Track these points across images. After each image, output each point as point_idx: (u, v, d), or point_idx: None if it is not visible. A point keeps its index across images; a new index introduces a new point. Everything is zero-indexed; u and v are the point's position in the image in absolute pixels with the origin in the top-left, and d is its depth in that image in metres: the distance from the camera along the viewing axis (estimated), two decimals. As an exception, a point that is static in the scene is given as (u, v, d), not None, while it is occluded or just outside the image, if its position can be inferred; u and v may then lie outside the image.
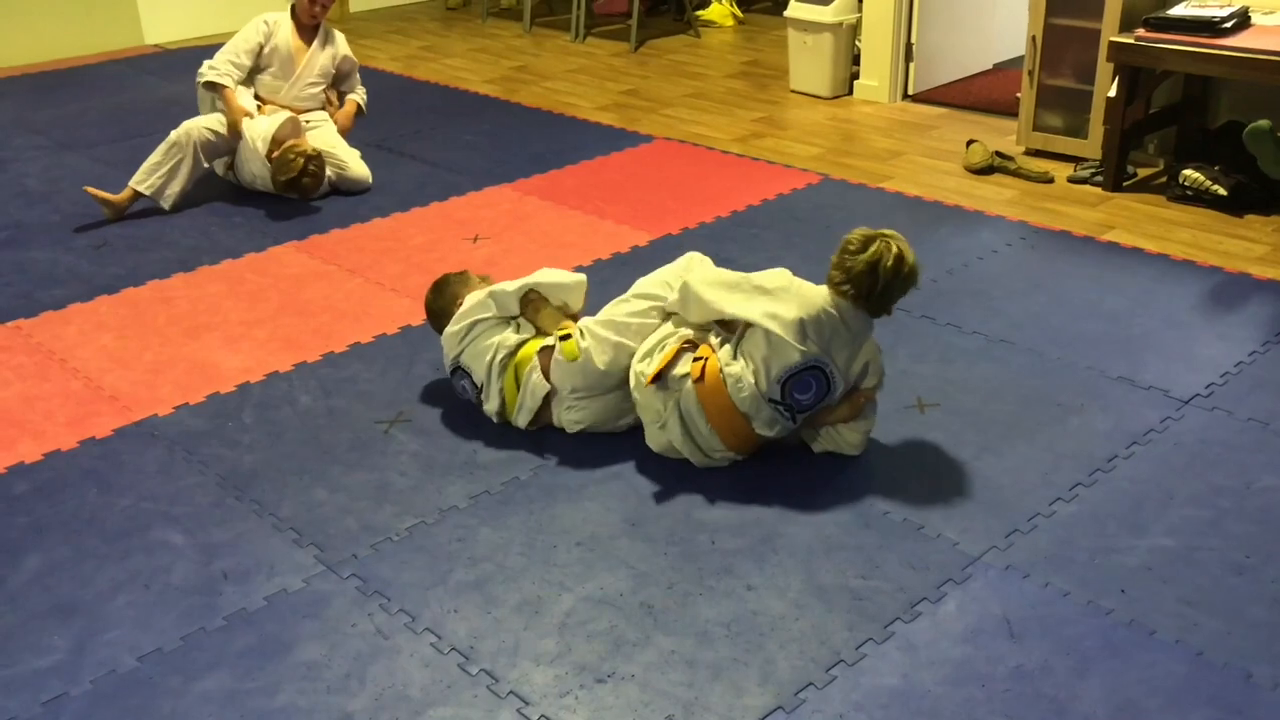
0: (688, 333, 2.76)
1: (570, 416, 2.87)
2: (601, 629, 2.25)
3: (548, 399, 2.86)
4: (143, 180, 4.41)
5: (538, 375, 2.84)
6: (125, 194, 4.42)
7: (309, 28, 4.68)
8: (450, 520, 2.59)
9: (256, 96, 4.65)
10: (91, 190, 4.39)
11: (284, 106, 4.63)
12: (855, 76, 5.85)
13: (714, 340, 2.72)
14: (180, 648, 2.23)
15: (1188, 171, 4.27)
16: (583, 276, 3.00)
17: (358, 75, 4.97)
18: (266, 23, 4.63)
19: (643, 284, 2.91)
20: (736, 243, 4.06)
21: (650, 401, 2.73)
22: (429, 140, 5.31)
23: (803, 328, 2.58)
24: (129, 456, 2.88)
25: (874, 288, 2.57)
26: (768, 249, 3.99)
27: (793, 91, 5.97)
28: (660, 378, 2.69)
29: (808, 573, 2.39)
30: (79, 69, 6.75)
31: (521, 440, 2.87)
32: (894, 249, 2.57)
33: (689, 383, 2.66)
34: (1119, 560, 2.41)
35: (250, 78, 4.64)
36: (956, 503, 2.60)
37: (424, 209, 4.46)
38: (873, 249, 2.56)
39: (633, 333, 2.82)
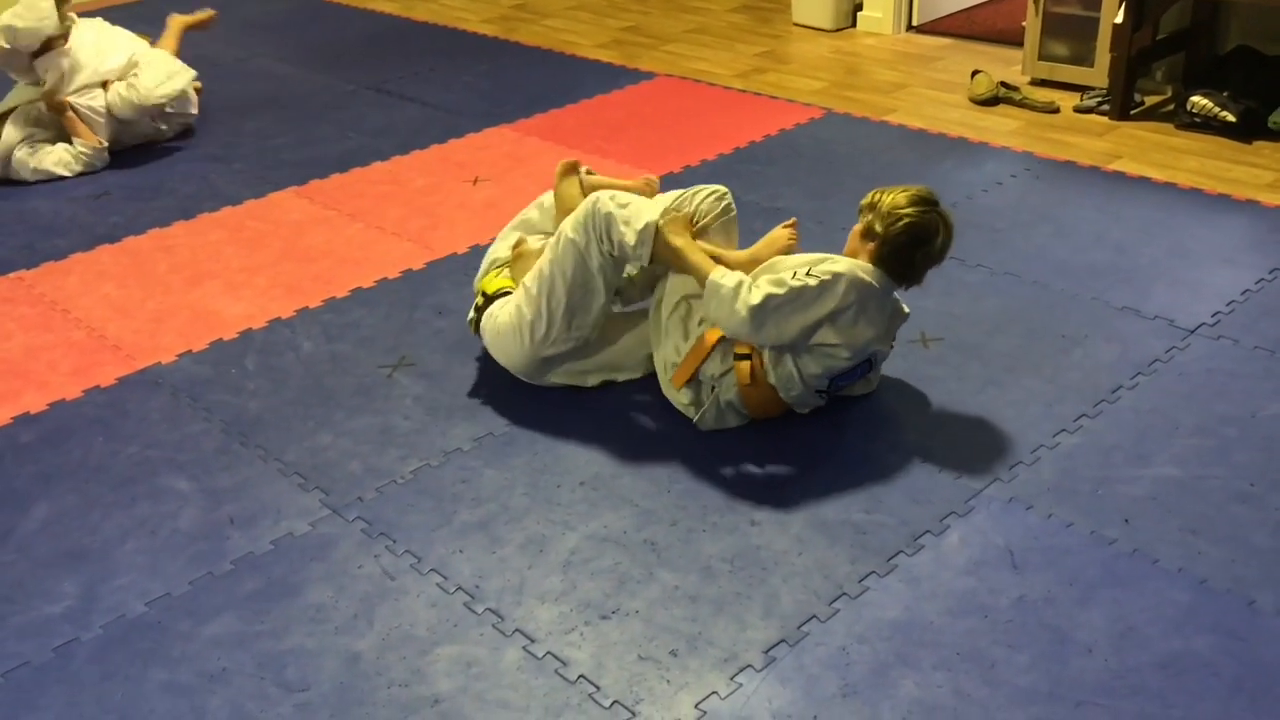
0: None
1: None
2: (605, 566, 2.27)
3: None
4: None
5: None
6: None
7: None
8: (454, 462, 2.60)
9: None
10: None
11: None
12: (858, 8, 5.76)
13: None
14: (189, 592, 2.26)
15: (1196, 98, 4.20)
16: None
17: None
18: None
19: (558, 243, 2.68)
20: (739, 179, 4.02)
21: (676, 397, 2.66)
22: (427, 82, 5.25)
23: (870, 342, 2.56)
24: (134, 405, 2.89)
25: (922, 268, 2.57)
26: (770, 185, 3.96)
27: (795, 25, 5.88)
28: (693, 378, 2.60)
29: (810, 507, 2.40)
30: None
31: (524, 382, 2.87)
32: (943, 227, 2.53)
33: (733, 380, 2.57)
34: (1123, 490, 2.40)
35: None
36: (960, 436, 2.60)
37: (424, 152, 4.43)
38: (938, 242, 2.51)
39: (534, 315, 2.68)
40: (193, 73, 4.60)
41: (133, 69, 4.45)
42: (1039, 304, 3.13)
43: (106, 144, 4.42)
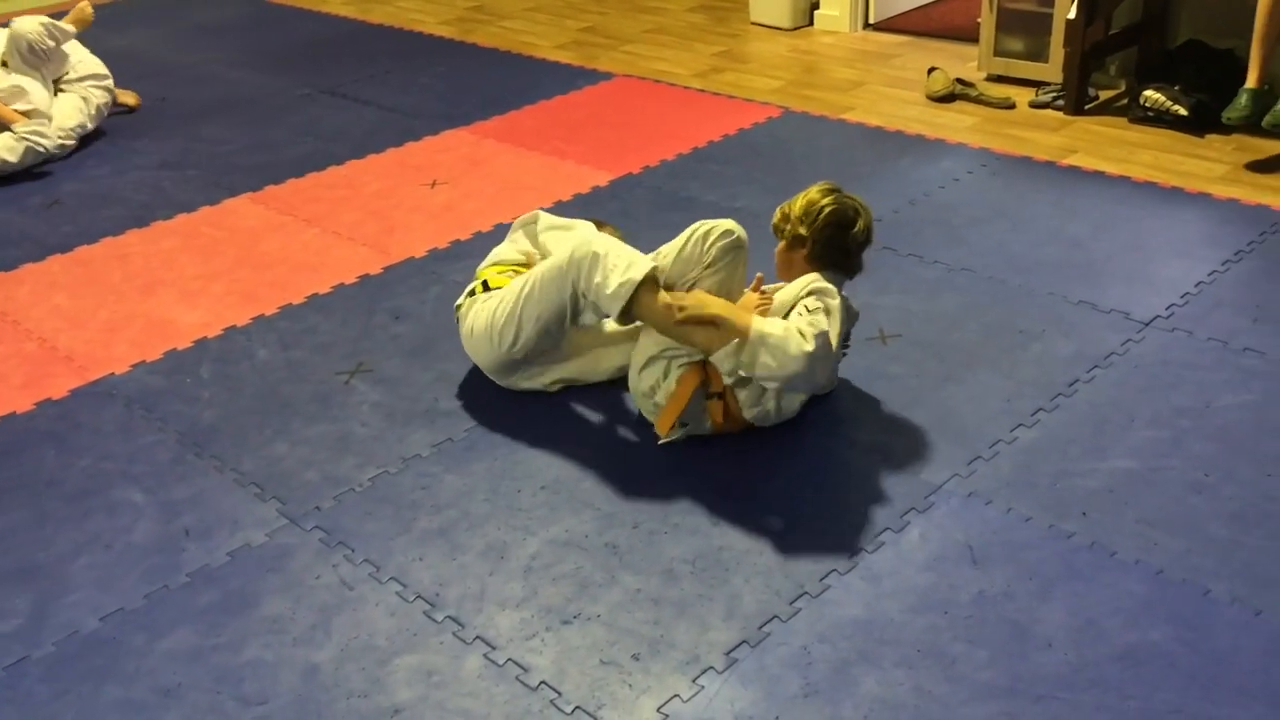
0: (684, 353, 2.54)
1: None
2: (567, 571, 2.25)
3: None
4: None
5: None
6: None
7: None
8: (413, 469, 2.58)
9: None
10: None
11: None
12: (815, 6, 5.78)
13: (725, 369, 2.49)
14: (143, 606, 2.22)
15: (1148, 92, 4.24)
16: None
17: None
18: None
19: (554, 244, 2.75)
20: (698, 180, 4.02)
21: (648, 413, 2.64)
22: (384, 85, 5.22)
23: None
24: (86, 417, 2.84)
25: (857, 254, 2.58)
26: (729, 185, 3.96)
27: (753, 24, 5.89)
28: (674, 427, 2.55)
29: (771, 506, 2.39)
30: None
31: (484, 386, 2.85)
32: (860, 209, 2.57)
33: (706, 417, 2.55)
34: (1080, 483, 2.42)
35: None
36: (919, 432, 2.61)
37: (380, 155, 4.40)
38: (860, 222, 2.53)
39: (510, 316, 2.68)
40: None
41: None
42: (996, 299, 3.15)
43: (47, 118, 4.39)
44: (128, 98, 5.00)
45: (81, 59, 4.69)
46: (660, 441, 2.59)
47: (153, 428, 2.78)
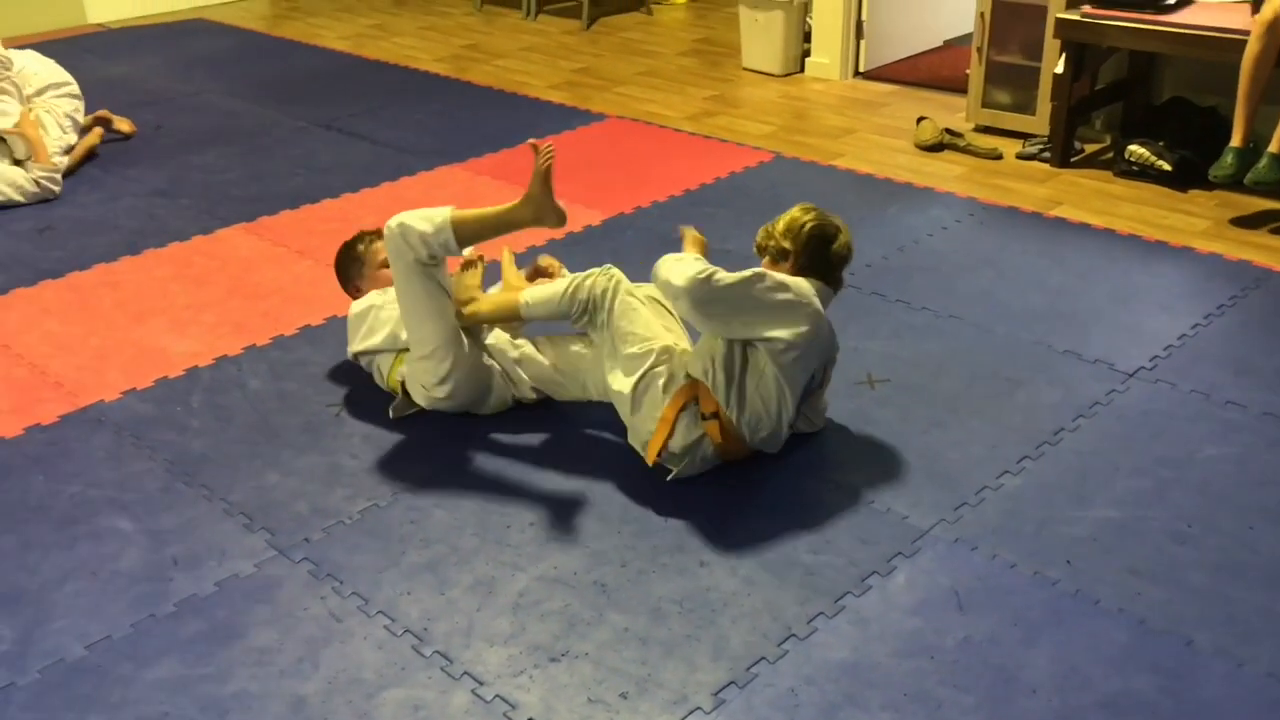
0: (668, 369, 2.59)
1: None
2: (555, 608, 2.26)
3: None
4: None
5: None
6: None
7: None
8: (403, 502, 2.59)
9: None
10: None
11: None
12: (807, 54, 5.86)
13: (715, 380, 2.54)
14: (130, 635, 2.22)
15: (1133, 147, 4.32)
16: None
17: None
18: None
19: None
20: (690, 221, 4.04)
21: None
22: (378, 120, 5.26)
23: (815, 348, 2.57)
24: (76, 443, 2.84)
25: (839, 268, 2.70)
26: (720, 228, 4.00)
27: (744, 69, 5.97)
28: (663, 452, 2.58)
29: (759, 548, 2.41)
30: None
31: (474, 421, 2.87)
32: (840, 226, 2.70)
33: (709, 442, 2.56)
34: (1065, 531, 2.44)
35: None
36: (906, 477, 2.63)
37: (374, 190, 4.43)
38: (841, 238, 2.67)
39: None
40: None
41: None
42: (982, 347, 3.18)
43: (61, 167, 4.42)
44: (123, 125, 5.02)
45: (37, 70, 4.62)
46: (670, 477, 2.59)
47: (142, 455, 2.78)
